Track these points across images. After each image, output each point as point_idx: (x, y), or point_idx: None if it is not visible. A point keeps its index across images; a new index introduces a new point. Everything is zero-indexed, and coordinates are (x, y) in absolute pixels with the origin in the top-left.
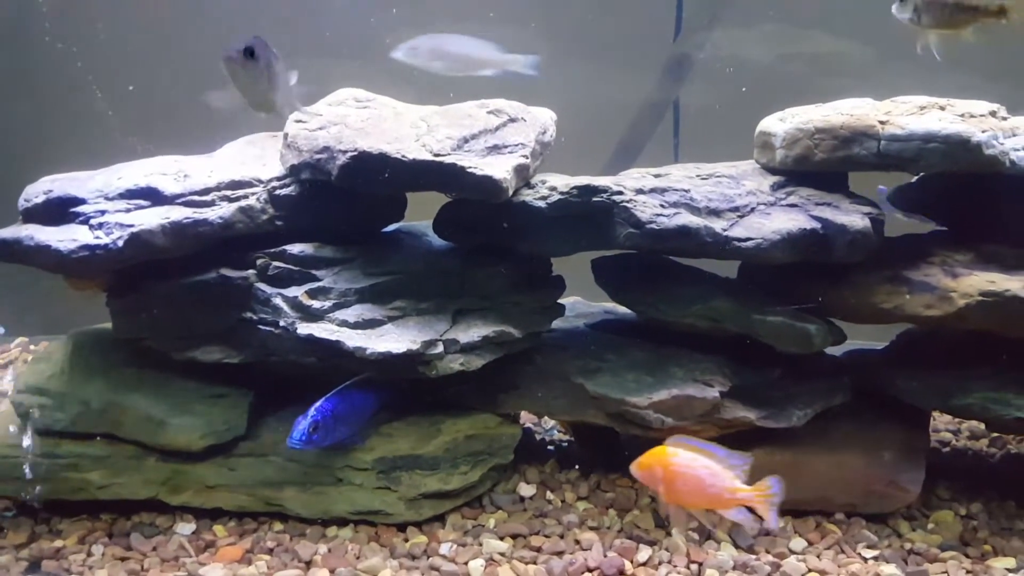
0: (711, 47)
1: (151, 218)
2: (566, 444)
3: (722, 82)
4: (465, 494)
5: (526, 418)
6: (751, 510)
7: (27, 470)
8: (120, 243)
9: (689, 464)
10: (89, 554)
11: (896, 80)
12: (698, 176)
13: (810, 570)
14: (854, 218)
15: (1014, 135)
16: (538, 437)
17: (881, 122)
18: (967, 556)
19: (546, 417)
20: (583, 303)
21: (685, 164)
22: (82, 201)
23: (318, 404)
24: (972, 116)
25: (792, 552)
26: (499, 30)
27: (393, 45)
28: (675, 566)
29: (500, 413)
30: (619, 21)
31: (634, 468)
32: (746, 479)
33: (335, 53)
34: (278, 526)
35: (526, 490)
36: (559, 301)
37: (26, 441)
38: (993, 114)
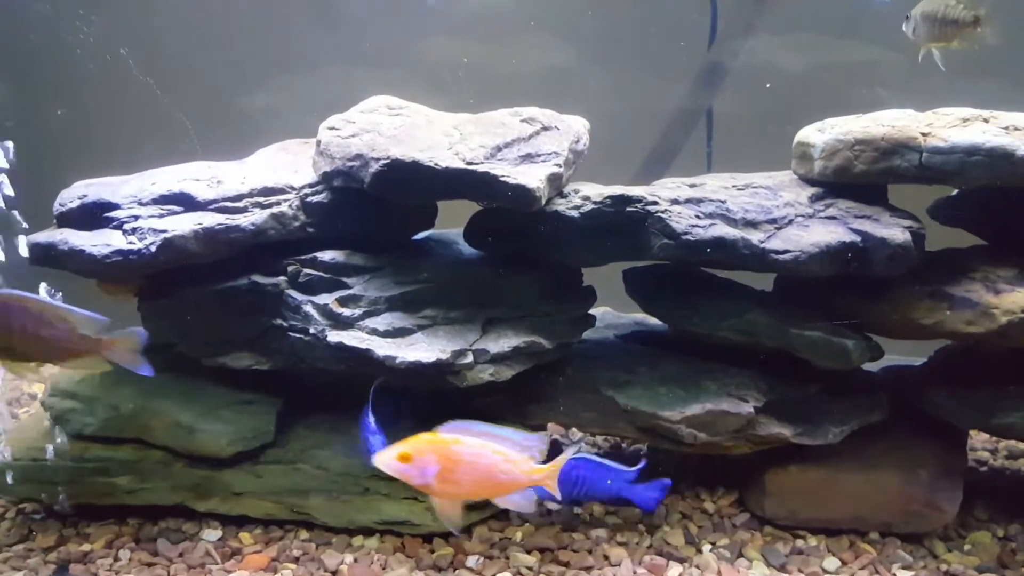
0: (745, 56)
1: (184, 224)
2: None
3: (756, 91)
4: (492, 506)
5: (553, 430)
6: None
7: (56, 474)
8: (153, 248)
9: (479, 452)
10: (116, 559)
11: (932, 90)
12: (734, 187)
13: None
14: (895, 231)
15: None
16: (565, 448)
17: (923, 134)
18: None
19: (574, 429)
20: (613, 314)
21: (720, 174)
22: (116, 206)
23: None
24: (1017, 129)
25: (825, 572)
26: (536, 38)
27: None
28: None
29: (529, 424)
30: (653, 29)
31: (389, 460)
32: (542, 459)
33: (368, 62)
34: (304, 534)
35: (553, 504)
36: (590, 312)
37: (56, 445)
38: None
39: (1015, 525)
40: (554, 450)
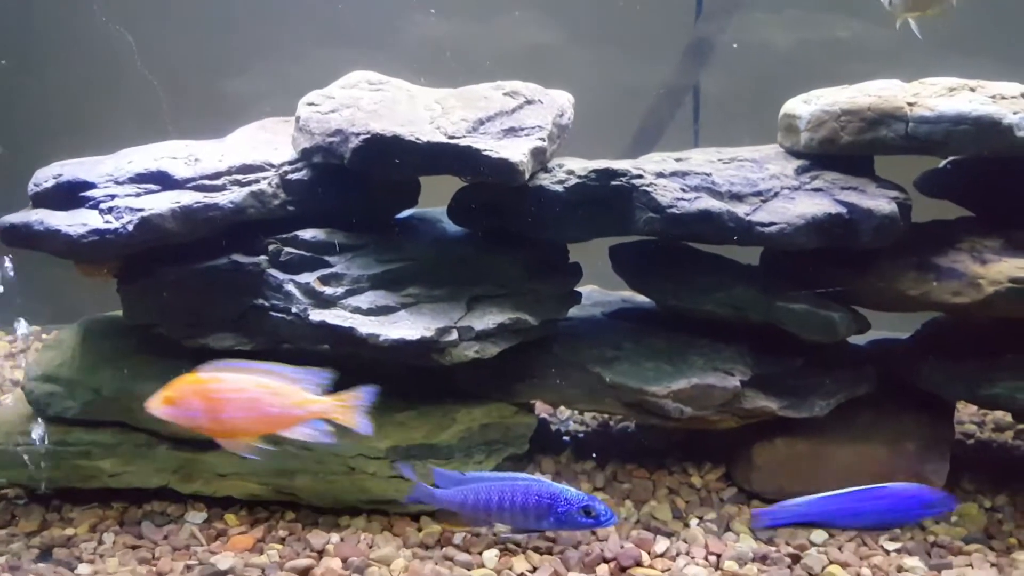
0: (732, 31)
1: (161, 202)
2: (582, 435)
3: (745, 67)
4: None
5: (541, 409)
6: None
7: (38, 458)
8: (130, 227)
9: (240, 387)
10: (100, 542)
11: (921, 65)
12: (720, 160)
13: (831, 562)
14: (880, 203)
15: None
16: (554, 428)
17: (909, 104)
18: (992, 549)
19: (562, 407)
20: (600, 292)
21: (707, 148)
22: (92, 185)
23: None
24: (1003, 98)
25: (813, 544)
26: (522, 14)
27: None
28: (693, 558)
29: (516, 402)
30: (639, 6)
31: (156, 406)
32: (325, 392)
33: (353, 43)
34: (290, 515)
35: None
36: (576, 289)
37: (37, 429)
38: None
39: (1002, 496)
40: (542, 430)
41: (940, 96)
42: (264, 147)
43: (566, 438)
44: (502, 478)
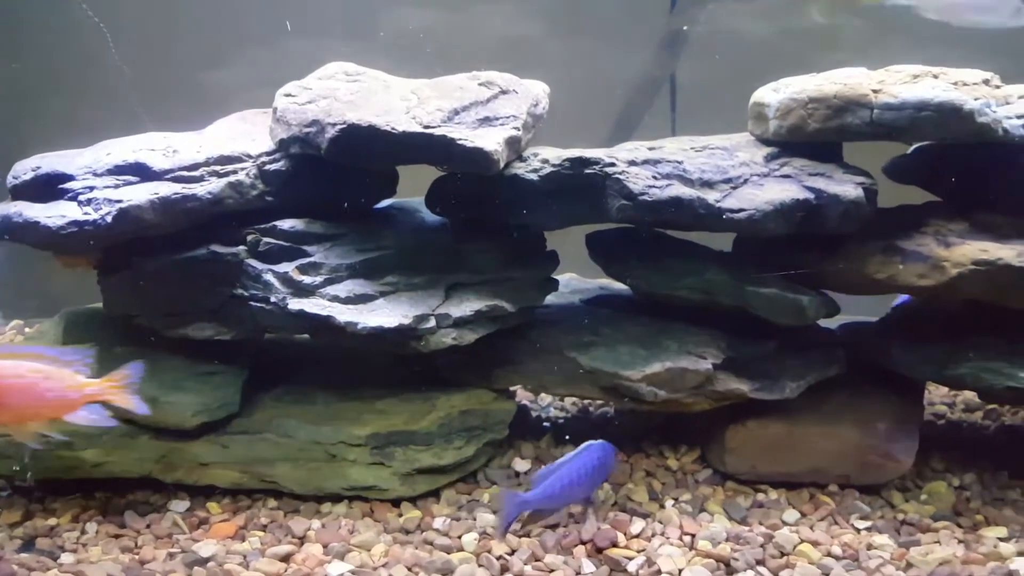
0: (706, 21)
1: (140, 194)
2: (562, 420)
3: (722, 56)
4: (459, 469)
5: (522, 395)
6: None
7: (20, 449)
8: (109, 219)
9: (17, 373)
10: (83, 532)
11: (894, 54)
12: (692, 148)
13: (803, 540)
14: (847, 188)
15: (1007, 103)
16: (534, 414)
17: (874, 91)
18: (959, 526)
19: (543, 394)
20: (578, 279)
21: (680, 137)
22: (70, 177)
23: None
24: (965, 84)
25: (785, 523)
26: (493, 5)
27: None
28: (668, 538)
29: (495, 388)
30: None
31: None
32: (93, 373)
33: (333, 34)
34: (272, 502)
35: (521, 465)
36: (553, 276)
37: None
38: (986, 82)
39: (969, 474)
40: (523, 416)
41: (904, 83)
42: (243, 138)
43: (546, 424)
44: (568, 458)
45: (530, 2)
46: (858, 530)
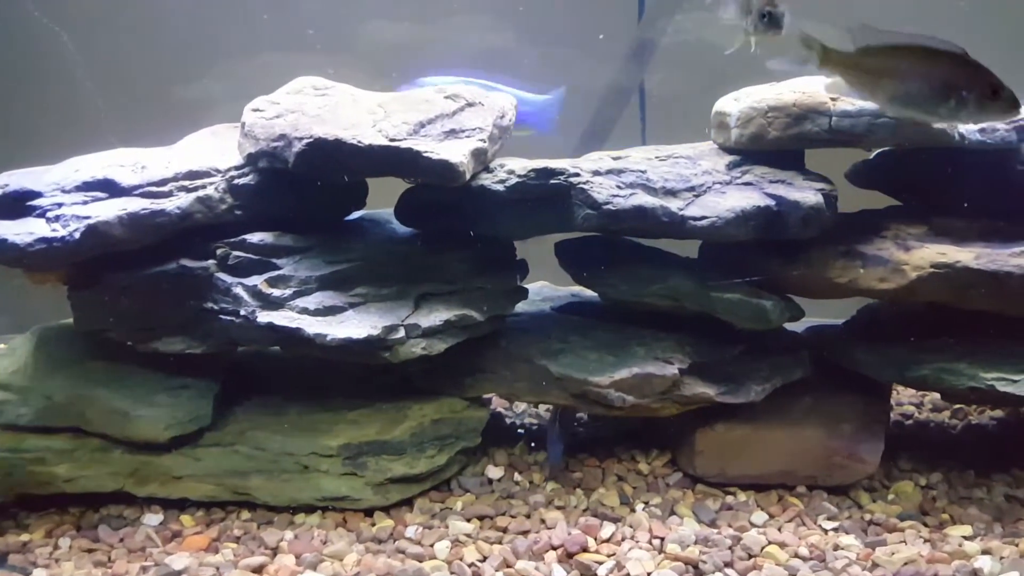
0: (674, 31)
1: (108, 210)
2: (536, 427)
3: (688, 65)
4: (432, 478)
5: (498, 403)
6: None
7: None
8: (77, 235)
9: None
10: (56, 547)
11: None
12: (657, 157)
13: (770, 542)
14: (807, 194)
15: None
16: (508, 421)
17: (832, 99)
18: (925, 525)
19: (517, 401)
20: (550, 287)
21: (647, 147)
22: (38, 194)
23: None
24: None
25: (753, 525)
26: (467, 17)
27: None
28: (637, 541)
29: (467, 397)
30: (588, 7)
31: None
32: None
33: (309, 47)
34: (246, 514)
35: (494, 472)
36: (524, 285)
37: None
38: None
39: (936, 474)
40: (497, 423)
41: None
42: (212, 153)
43: (520, 430)
44: None
45: (504, 14)
46: (825, 531)
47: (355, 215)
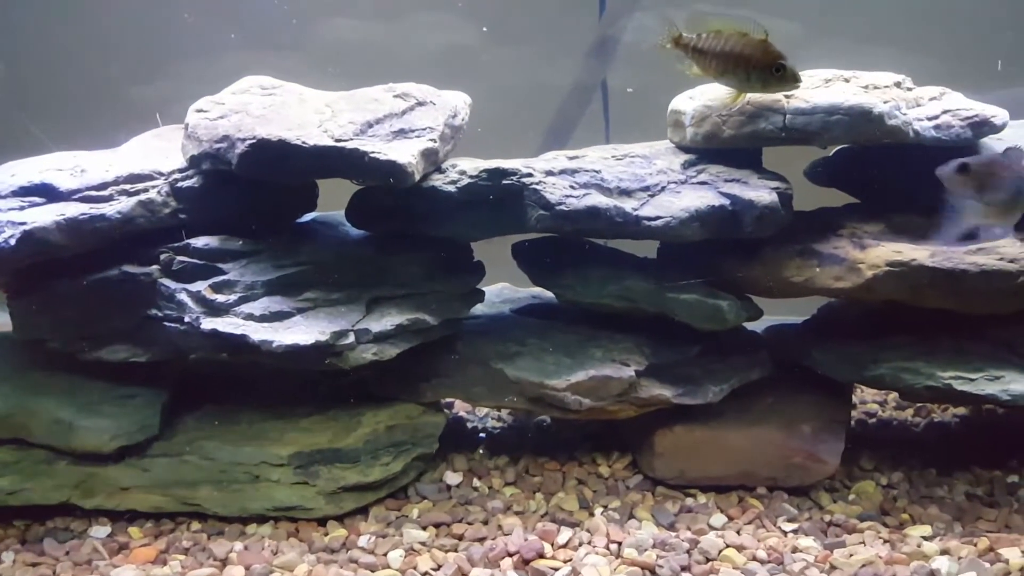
0: (635, 29)
1: (45, 215)
2: (497, 431)
3: (650, 63)
4: (388, 485)
5: (460, 407)
6: None
7: None
8: (13, 241)
9: None
10: None
11: (825, 57)
12: (613, 157)
13: (728, 545)
14: (762, 193)
15: (918, 105)
16: (470, 425)
17: (786, 96)
18: (885, 525)
19: (476, 406)
20: (511, 289)
21: (604, 146)
22: None
23: None
24: (876, 87)
25: (712, 528)
26: (426, 16)
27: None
28: (594, 546)
29: (424, 402)
30: (551, 3)
31: None
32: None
33: (266, 46)
34: (196, 525)
35: (452, 478)
36: (482, 287)
37: None
38: (898, 85)
39: (897, 473)
40: (457, 428)
41: (816, 88)
42: (156, 155)
43: (482, 435)
44: None
45: (467, 12)
46: (785, 533)
47: (307, 217)
